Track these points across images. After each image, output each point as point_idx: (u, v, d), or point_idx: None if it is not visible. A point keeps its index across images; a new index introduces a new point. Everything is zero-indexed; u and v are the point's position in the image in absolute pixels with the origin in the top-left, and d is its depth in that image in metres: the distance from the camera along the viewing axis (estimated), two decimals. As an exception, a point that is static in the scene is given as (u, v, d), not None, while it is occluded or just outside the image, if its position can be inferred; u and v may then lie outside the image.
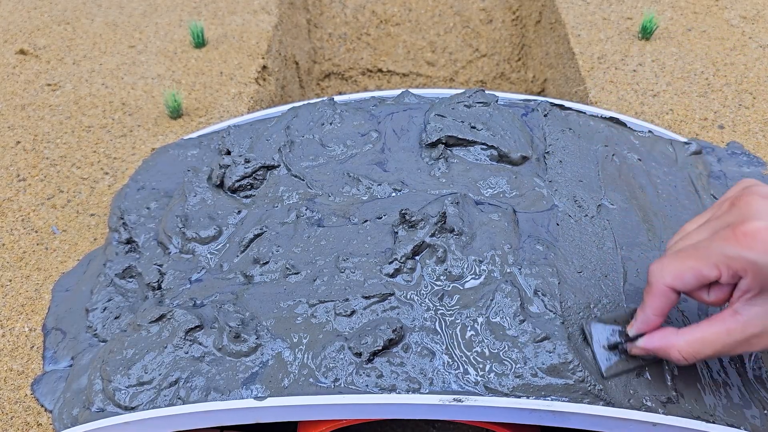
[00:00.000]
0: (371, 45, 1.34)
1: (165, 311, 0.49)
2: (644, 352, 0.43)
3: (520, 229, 0.51)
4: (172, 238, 0.57)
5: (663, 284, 0.40)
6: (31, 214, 0.72)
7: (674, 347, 0.41)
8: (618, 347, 0.45)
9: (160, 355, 0.47)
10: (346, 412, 0.43)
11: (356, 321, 0.46)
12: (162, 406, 0.45)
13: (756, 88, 0.86)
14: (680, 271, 0.39)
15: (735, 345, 0.39)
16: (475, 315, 0.46)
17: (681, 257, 0.40)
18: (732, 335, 0.39)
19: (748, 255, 0.37)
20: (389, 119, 0.62)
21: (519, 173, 0.56)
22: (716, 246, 0.38)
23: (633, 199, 0.56)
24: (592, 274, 0.49)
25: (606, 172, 0.58)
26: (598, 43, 0.96)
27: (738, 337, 0.39)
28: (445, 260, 0.48)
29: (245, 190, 0.59)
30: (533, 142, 0.59)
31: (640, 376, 0.44)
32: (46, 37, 1.01)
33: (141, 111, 0.86)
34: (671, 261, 0.40)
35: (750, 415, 0.45)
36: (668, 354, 0.41)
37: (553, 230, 0.51)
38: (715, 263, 0.38)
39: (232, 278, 0.52)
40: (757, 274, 0.37)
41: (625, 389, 0.43)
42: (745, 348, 0.39)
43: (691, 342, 0.40)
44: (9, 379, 0.56)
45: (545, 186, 0.55)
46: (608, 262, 0.50)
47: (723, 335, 0.39)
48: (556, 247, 0.50)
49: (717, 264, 0.38)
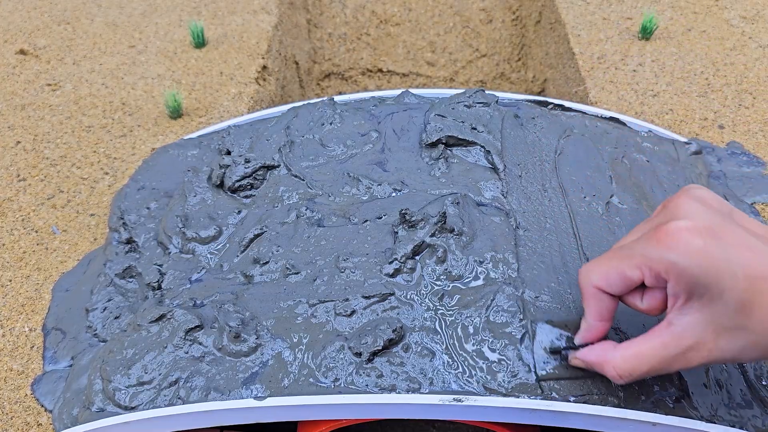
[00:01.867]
0: (371, 45, 1.34)
1: (165, 311, 0.49)
2: (583, 364, 0.41)
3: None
4: (172, 238, 0.57)
5: (591, 285, 0.38)
6: (31, 214, 0.72)
7: (610, 363, 0.38)
8: (561, 353, 0.43)
9: (160, 355, 0.47)
10: (346, 412, 0.43)
11: (356, 321, 0.46)
12: (162, 406, 0.45)
13: (756, 88, 0.86)
14: (605, 272, 0.38)
15: (672, 360, 0.36)
16: (475, 315, 0.46)
17: (606, 258, 0.38)
18: (668, 349, 0.36)
19: (668, 256, 0.35)
20: (389, 119, 0.62)
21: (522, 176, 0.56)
22: (639, 247, 0.36)
23: (643, 200, 0.56)
24: None
25: (616, 173, 0.58)
26: (598, 43, 0.96)
27: (673, 351, 0.36)
28: (445, 260, 0.48)
29: (245, 190, 0.59)
30: (538, 145, 0.59)
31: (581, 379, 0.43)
32: (46, 37, 1.01)
33: (141, 111, 0.86)
34: (597, 262, 0.39)
35: (751, 415, 0.45)
36: (604, 369, 0.39)
37: None
38: (637, 264, 0.36)
39: (232, 278, 0.52)
40: (680, 277, 0.35)
41: (636, 391, 0.43)
42: (682, 363, 0.36)
43: (626, 358, 0.37)
44: (9, 379, 0.56)
45: (549, 187, 0.55)
46: None
47: (659, 349, 0.36)
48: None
49: (639, 265, 0.36)
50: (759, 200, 0.67)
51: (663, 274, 0.35)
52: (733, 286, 0.33)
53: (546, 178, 0.56)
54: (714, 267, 0.34)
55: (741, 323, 0.34)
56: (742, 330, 0.34)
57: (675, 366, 0.36)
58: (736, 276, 0.33)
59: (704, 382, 0.45)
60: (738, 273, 0.33)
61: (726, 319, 0.34)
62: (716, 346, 0.35)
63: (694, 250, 0.34)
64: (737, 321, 0.34)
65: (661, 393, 0.43)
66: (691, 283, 0.34)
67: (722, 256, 0.34)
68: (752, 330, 0.34)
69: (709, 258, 0.34)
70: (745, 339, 0.34)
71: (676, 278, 0.35)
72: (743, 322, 0.34)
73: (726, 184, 0.68)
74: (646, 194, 0.57)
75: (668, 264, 0.35)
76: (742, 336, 0.34)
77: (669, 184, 0.60)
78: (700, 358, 0.35)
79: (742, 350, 0.35)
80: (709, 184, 0.66)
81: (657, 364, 0.36)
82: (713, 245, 0.34)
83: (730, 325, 0.34)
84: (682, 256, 0.34)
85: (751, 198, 0.67)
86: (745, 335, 0.34)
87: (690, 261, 0.34)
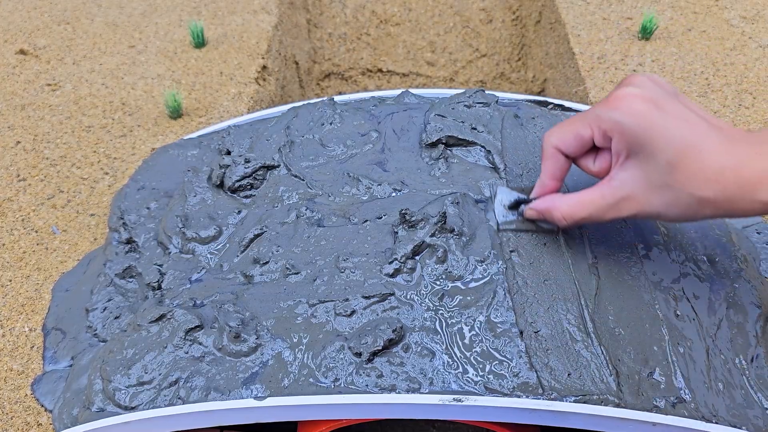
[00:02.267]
0: (371, 45, 1.34)
1: (165, 311, 0.49)
2: (537, 214, 0.47)
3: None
4: (172, 238, 0.57)
5: (550, 146, 0.45)
6: (31, 214, 0.72)
7: (557, 209, 0.45)
8: (517, 209, 0.49)
9: (160, 355, 0.47)
10: (346, 412, 0.43)
11: (356, 321, 0.46)
12: (162, 406, 0.45)
13: (756, 88, 0.86)
14: (562, 134, 0.44)
15: (607, 208, 0.42)
16: (475, 315, 0.46)
17: (566, 122, 0.44)
18: (605, 198, 0.42)
19: (614, 115, 0.41)
20: (389, 119, 0.62)
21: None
22: (592, 110, 0.43)
23: None
24: None
25: None
26: (598, 43, 0.96)
27: (609, 201, 0.42)
28: (445, 260, 0.48)
29: (245, 190, 0.59)
30: (538, 145, 0.59)
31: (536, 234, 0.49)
32: (46, 37, 1.01)
33: (141, 111, 0.86)
34: (558, 126, 0.45)
35: (752, 415, 0.45)
36: (552, 215, 0.45)
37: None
38: (589, 123, 0.42)
39: (232, 278, 0.52)
40: (622, 135, 0.40)
41: (636, 391, 0.43)
42: (614, 212, 0.42)
43: (570, 204, 0.44)
44: (9, 379, 0.56)
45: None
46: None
47: (597, 198, 0.42)
48: None
49: (590, 124, 0.42)
50: (759, 200, 0.67)
51: (608, 131, 0.41)
52: (665, 148, 0.39)
53: None
54: (651, 129, 0.40)
55: (668, 182, 0.40)
56: (668, 188, 0.40)
57: (609, 215, 0.42)
58: (669, 140, 0.39)
59: (705, 381, 0.45)
60: (671, 138, 0.39)
61: (656, 176, 0.40)
62: (646, 199, 0.41)
63: (636, 111, 0.40)
64: (665, 179, 0.40)
65: (661, 393, 0.44)
66: (630, 141, 0.40)
67: (660, 122, 0.39)
68: (676, 188, 0.40)
69: (648, 121, 0.40)
70: (670, 196, 0.40)
71: (619, 135, 0.41)
72: (669, 180, 0.39)
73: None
74: None
75: (614, 123, 0.41)
76: (668, 193, 0.40)
77: None
78: (630, 209, 0.42)
79: (666, 206, 0.41)
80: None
81: (594, 211, 0.43)
82: (654, 111, 0.40)
83: (659, 183, 0.40)
84: (626, 116, 0.40)
85: (751, 198, 0.67)
86: (670, 193, 0.40)
87: (631, 120, 0.40)
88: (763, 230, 0.62)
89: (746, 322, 0.49)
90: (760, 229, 0.62)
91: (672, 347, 0.46)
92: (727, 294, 0.51)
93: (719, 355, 0.47)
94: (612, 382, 0.43)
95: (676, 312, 0.48)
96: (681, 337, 0.47)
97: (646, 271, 0.50)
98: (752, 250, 0.59)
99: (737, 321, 0.49)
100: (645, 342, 0.46)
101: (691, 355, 0.46)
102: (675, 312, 0.48)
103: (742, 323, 0.49)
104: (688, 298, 0.50)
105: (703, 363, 0.46)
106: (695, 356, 0.46)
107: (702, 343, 0.47)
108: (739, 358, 0.47)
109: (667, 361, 0.45)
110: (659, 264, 0.51)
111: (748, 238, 0.61)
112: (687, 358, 0.46)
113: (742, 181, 0.38)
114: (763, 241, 0.61)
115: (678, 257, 0.52)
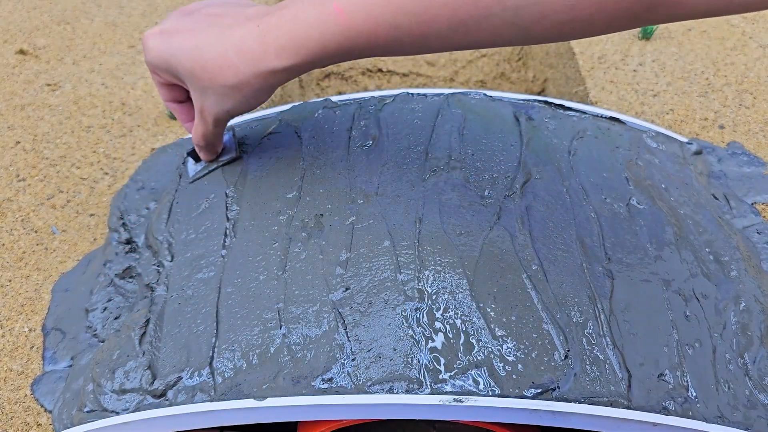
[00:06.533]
0: (371, 45, 1.33)
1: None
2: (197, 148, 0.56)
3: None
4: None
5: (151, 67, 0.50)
6: (30, 214, 0.72)
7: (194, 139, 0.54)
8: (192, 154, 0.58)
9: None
10: (346, 412, 0.43)
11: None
12: (151, 409, 0.45)
13: (756, 88, 0.86)
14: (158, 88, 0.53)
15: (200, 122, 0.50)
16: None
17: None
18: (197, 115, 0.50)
19: (146, 58, 0.48)
20: (389, 119, 0.62)
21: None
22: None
23: (660, 200, 0.56)
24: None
25: (632, 175, 0.57)
26: (598, 43, 0.96)
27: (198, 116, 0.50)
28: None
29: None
30: (551, 146, 0.59)
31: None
32: (46, 37, 1.01)
33: (141, 111, 0.86)
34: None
35: (756, 415, 0.45)
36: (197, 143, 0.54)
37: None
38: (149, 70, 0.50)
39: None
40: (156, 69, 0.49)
41: (646, 393, 0.43)
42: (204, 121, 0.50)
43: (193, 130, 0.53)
44: (9, 379, 0.56)
45: (565, 187, 0.54)
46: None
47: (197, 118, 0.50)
48: None
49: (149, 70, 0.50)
50: (759, 200, 0.67)
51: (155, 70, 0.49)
52: (180, 66, 0.46)
53: (564, 179, 0.55)
54: (166, 57, 0.47)
55: (198, 86, 0.47)
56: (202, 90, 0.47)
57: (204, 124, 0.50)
58: (180, 59, 0.46)
59: (708, 381, 0.45)
60: (180, 57, 0.46)
61: (194, 86, 0.47)
62: (204, 104, 0.48)
63: (151, 48, 0.47)
64: (197, 85, 0.47)
65: (670, 394, 0.43)
66: (165, 71, 0.48)
67: (168, 50, 0.46)
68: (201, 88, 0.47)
69: (160, 52, 0.47)
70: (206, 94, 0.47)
71: (160, 72, 0.49)
72: (197, 84, 0.46)
73: (726, 184, 0.68)
74: (661, 195, 0.57)
75: (149, 63, 0.48)
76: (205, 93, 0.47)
77: (679, 183, 0.60)
78: (206, 115, 0.49)
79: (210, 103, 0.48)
80: (710, 184, 0.66)
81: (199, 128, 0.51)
82: (162, 43, 0.47)
83: (199, 88, 0.47)
84: (149, 55, 0.48)
85: (752, 198, 0.67)
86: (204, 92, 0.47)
87: (152, 57, 0.48)
88: (763, 230, 0.62)
89: (750, 322, 0.49)
90: (761, 229, 0.62)
91: (681, 348, 0.46)
92: (732, 294, 0.51)
93: (725, 356, 0.47)
94: (623, 385, 0.43)
95: (686, 312, 0.48)
96: (690, 337, 0.47)
97: (659, 272, 0.50)
98: (753, 250, 0.59)
99: (742, 321, 0.49)
100: (656, 343, 0.46)
101: (699, 355, 0.46)
102: (684, 312, 0.48)
103: (747, 323, 0.49)
104: (697, 297, 0.49)
105: (710, 364, 0.46)
106: (703, 357, 0.46)
107: (709, 344, 0.47)
108: (743, 359, 0.47)
109: (677, 362, 0.45)
110: (671, 264, 0.51)
111: (748, 239, 0.61)
112: (695, 359, 0.46)
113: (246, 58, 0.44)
114: (763, 241, 0.61)
115: (688, 257, 0.52)
